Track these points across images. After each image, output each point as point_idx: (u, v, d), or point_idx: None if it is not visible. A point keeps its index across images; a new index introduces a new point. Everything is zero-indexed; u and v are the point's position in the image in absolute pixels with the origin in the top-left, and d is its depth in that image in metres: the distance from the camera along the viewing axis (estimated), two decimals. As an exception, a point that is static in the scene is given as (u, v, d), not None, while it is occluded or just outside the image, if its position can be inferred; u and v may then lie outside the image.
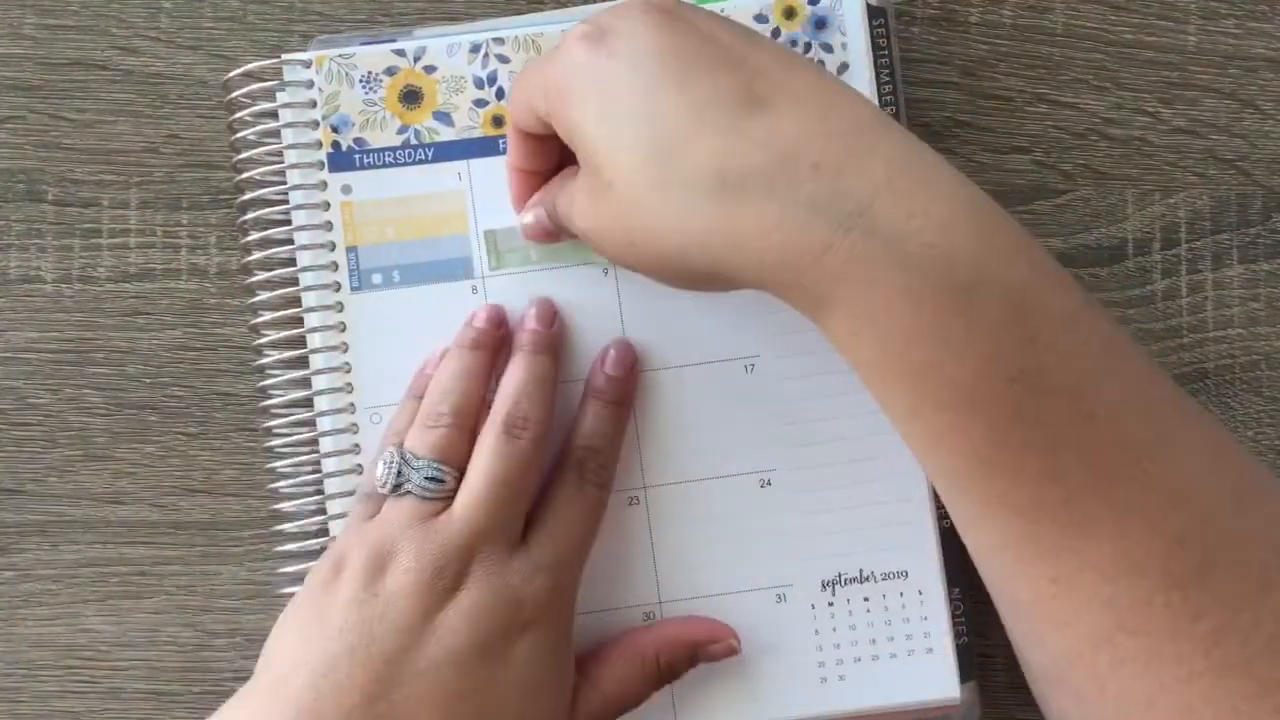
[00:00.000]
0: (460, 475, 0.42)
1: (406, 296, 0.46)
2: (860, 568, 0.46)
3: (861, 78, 0.46)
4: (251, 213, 0.46)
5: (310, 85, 0.46)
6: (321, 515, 0.46)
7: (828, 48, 0.46)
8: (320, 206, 0.46)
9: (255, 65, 0.46)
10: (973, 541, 0.37)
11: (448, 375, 0.44)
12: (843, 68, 0.46)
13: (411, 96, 0.46)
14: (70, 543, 0.49)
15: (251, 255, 0.46)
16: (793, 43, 0.46)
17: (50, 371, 0.49)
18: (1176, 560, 0.34)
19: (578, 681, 0.43)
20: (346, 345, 0.46)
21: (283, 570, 0.46)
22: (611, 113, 0.37)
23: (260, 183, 0.46)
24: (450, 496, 0.42)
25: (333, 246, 0.46)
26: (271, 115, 0.46)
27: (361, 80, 0.46)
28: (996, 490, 0.35)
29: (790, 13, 0.46)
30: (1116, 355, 0.35)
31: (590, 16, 0.39)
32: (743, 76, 0.36)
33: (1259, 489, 0.35)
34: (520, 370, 0.44)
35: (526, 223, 0.44)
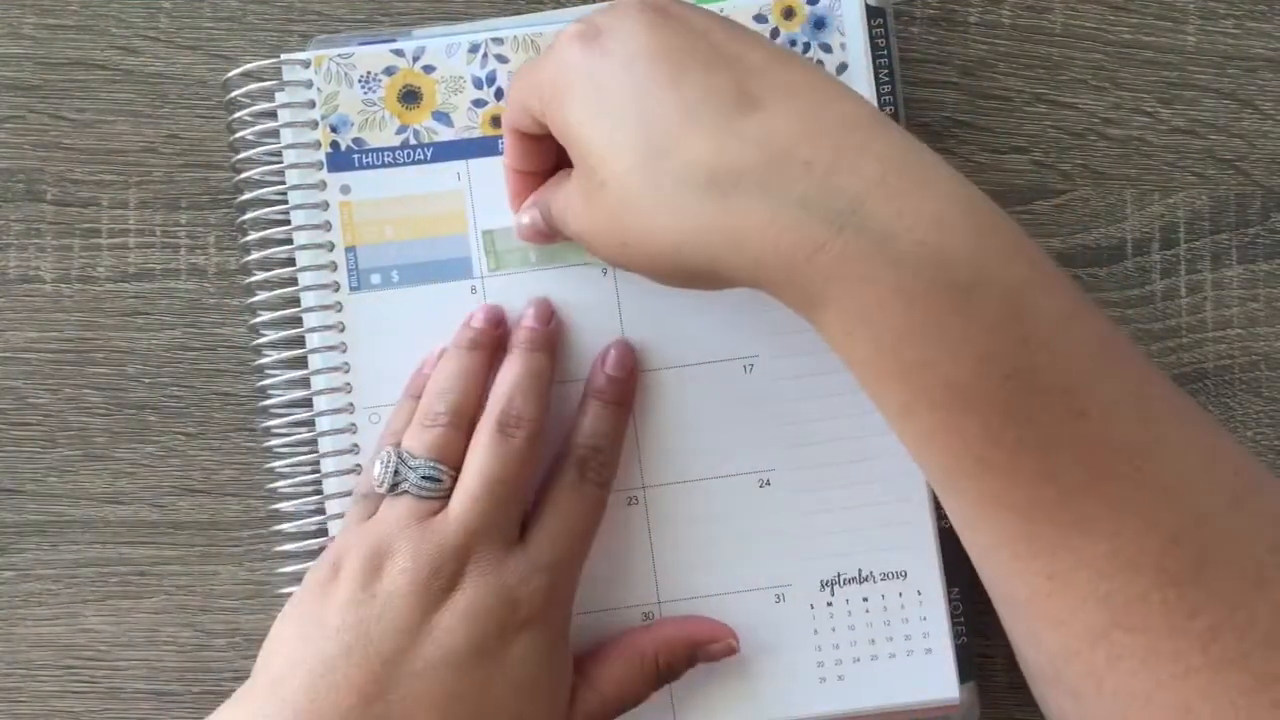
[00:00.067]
0: (457, 474, 0.42)
1: (405, 296, 0.46)
2: (859, 568, 0.46)
3: (860, 78, 0.46)
4: (250, 213, 0.46)
5: (309, 85, 0.46)
6: (320, 515, 0.46)
7: (827, 48, 0.46)
8: (319, 206, 0.46)
9: (254, 65, 0.47)
10: (969, 540, 0.37)
11: (445, 375, 0.44)
12: (841, 68, 0.46)
13: (410, 96, 0.46)
14: (70, 543, 0.49)
15: (250, 255, 0.46)
16: (792, 43, 0.46)
17: (50, 371, 0.49)
18: (1172, 557, 0.34)
19: (576, 682, 0.43)
20: (345, 345, 0.46)
21: (282, 570, 0.46)
22: (604, 112, 0.37)
23: (259, 183, 0.46)
24: (447, 496, 0.42)
25: (331, 246, 0.46)
26: (270, 115, 0.46)
27: (360, 80, 0.46)
28: (992, 489, 0.35)
29: (789, 13, 0.46)
30: (1112, 355, 0.35)
31: (585, 15, 0.39)
32: (736, 75, 0.36)
33: (1255, 487, 0.35)
34: (515, 367, 0.44)
35: (522, 224, 0.44)
